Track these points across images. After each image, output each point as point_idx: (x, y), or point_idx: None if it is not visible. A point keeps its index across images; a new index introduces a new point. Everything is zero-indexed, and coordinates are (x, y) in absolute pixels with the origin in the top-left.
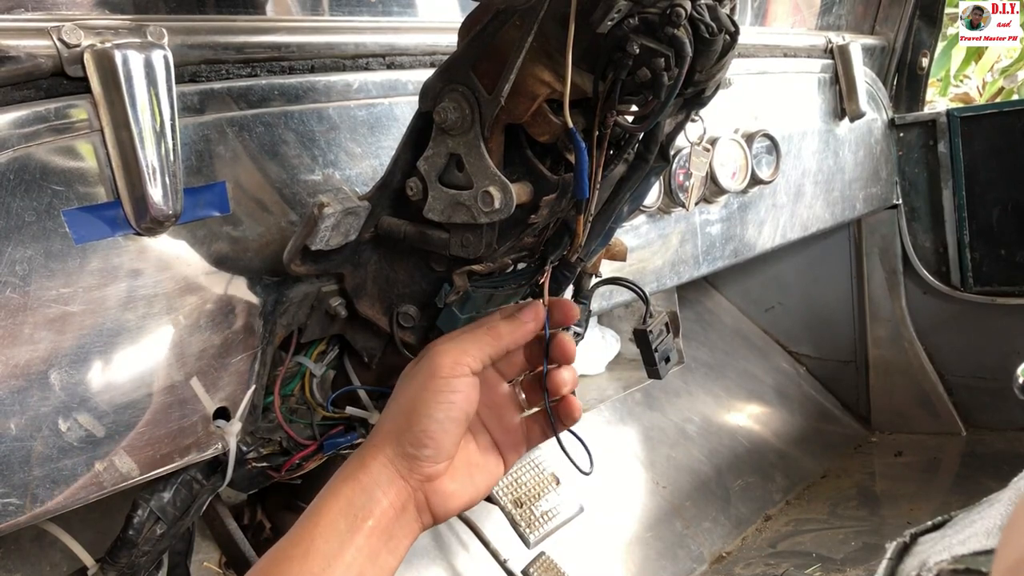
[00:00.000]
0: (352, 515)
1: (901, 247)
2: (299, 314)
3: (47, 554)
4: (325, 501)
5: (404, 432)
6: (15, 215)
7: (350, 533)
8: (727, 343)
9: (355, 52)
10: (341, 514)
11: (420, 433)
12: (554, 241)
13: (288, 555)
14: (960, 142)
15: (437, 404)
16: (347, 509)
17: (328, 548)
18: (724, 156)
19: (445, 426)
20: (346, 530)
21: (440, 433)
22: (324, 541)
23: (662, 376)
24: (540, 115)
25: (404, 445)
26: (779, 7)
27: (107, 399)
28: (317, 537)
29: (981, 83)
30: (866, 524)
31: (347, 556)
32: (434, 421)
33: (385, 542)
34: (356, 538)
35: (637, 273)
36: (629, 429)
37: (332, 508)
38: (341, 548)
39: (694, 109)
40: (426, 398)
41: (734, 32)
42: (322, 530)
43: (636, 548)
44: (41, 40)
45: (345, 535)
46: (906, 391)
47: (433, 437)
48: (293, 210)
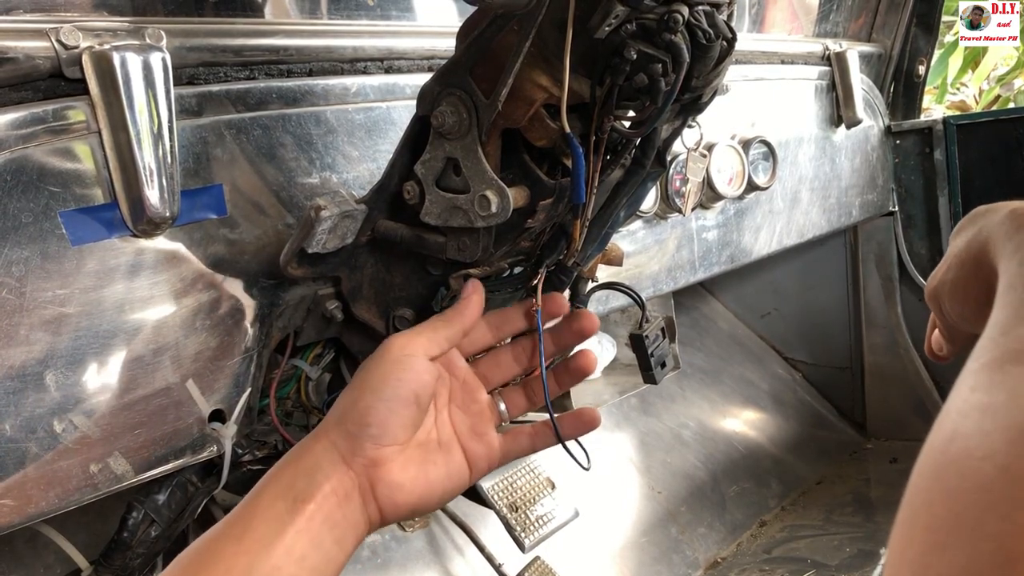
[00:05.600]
0: (292, 498)
1: (897, 254)
2: (295, 317)
3: (41, 556)
4: (265, 485)
5: (348, 412)
6: (12, 216)
7: (290, 515)
8: (723, 349)
9: (353, 56)
10: (280, 496)
11: (364, 410)
12: (550, 245)
13: (225, 534)
14: (956, 150)
15: (383, 382)
16: (287, 492)
17: (266, 530)
18: (721, 162)
19: (391, 405)
20: (285, 512)
21: (385, 412)
22: (262, 522)
23: (658, 381)
24: (537, 120)
25: (347, 424)
26: (776, 14)
27: (102, 401)
28: (255, 519)
29: (978, 91)
30: (861, 531)
31: (287, 539)
32: (379, 399)
33: (330, 530)
34: (297, 520)
35: (633, 278)
36: (625, 434)
37: (271, 490)
38: (281, 531)
39: (691, 115)
40: (372, 378)
41: (731, 38)
42: (261, 512)
43: (631, 553)
44: (39, 41)
45: (285, 517)
46: (901, 398)
47: (377, 415)
48: (290, 213)
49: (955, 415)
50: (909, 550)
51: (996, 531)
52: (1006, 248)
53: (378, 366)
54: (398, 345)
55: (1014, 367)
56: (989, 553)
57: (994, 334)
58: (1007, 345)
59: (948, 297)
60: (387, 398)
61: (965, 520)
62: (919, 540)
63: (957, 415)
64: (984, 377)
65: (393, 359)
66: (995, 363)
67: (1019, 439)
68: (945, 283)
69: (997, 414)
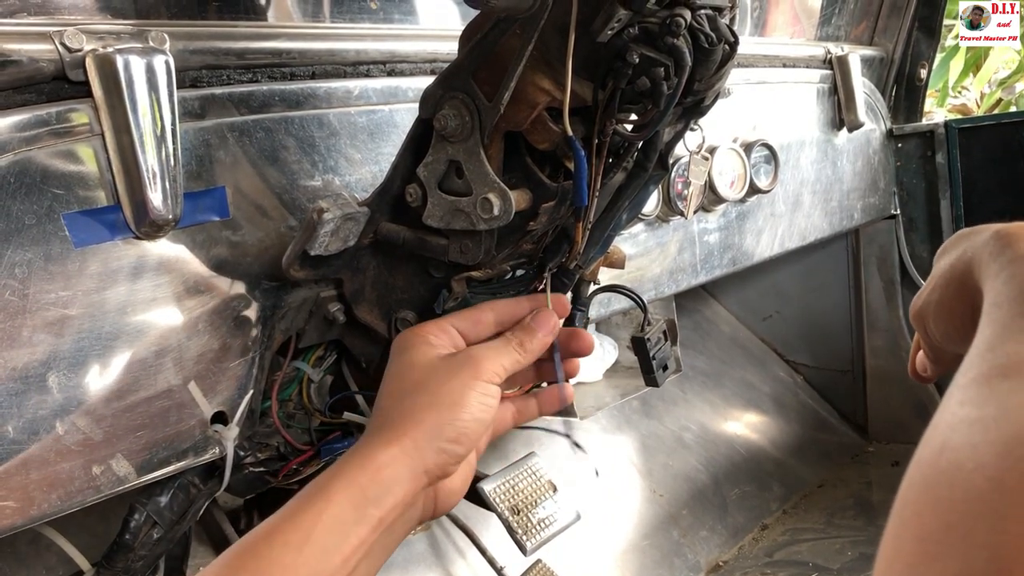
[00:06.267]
0: (364, 506)
1: (899, 257)
2: (297, 319)
3: (43, 558)
4: (334, 486)
5: (444, 426)
6: (15, 218)
7: (356, 526)
8: (725, 352)
9: (356, 59)
10: (351, 504)
11: (463, 428)
12: (553, 248)
13: (284, 540)
14: (958, 153)
15: (481, 405)
16: (359, 499)
17: (330, 541)
18: (723, 165)
19: (481, 429)
20: (353, 522)
21: (476, 434)
22: (327, 532)
23: (660, 384)
24: (540, 123)
25: (440, 440)
26: (779, 17)
27: (105, 402)
28: (319, 525)
29: (979, 94)
30: (863, 534)
31: (347, 550)
32: (476, 420)
33: (384, 536)
34: (361, 531)
35: (635, 281)
36: (626, 437)
37: (342, 496)
38: (344, 542)
39: (693, 118)
40: (471, 397)
41: (733, 42)
42: (327, 519)
43: (632, 556)
44: (43, 44)
45: (351, 528)
46: (903, 401)
47: (470, 436)
48: (292, 215)
49: (944, 428)
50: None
51: (987, 541)
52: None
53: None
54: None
55: (1001, 381)
56: (982, 562)
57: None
58: (994, 360)
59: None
60: (481, 419)
61: (956, 530)
62: (908, 551)
63: (946, 428)
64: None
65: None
66: (983, 377)
67: (1008, 451)
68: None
69: (986, 427)
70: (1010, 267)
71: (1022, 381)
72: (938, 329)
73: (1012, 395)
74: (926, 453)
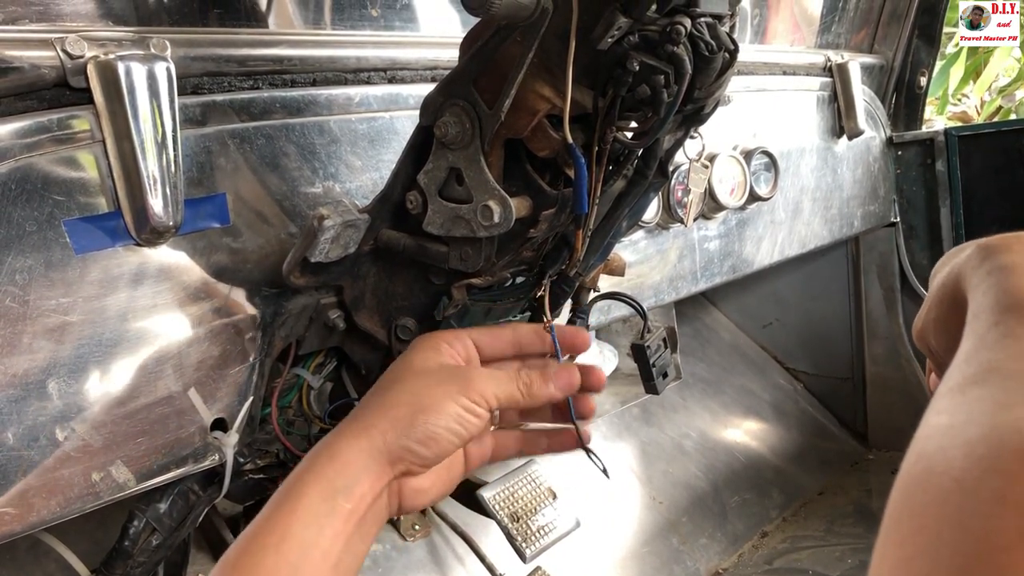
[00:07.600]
0: (333, 498)
1: (899, 265)
2: (297, 326)
3: (42, 564)
4: (303, 481)
5: (415, 424)
6: (16, 224)
7: (328, 517)
8: (725, 359)
9: (357, 66)
10: (321, 496)
11: (433, 433)
12: (553, 255)
13: (263, 544)
14: (958, 161)
15: (460, 417)
16: (328, 491)
17: (306, 534)
18: (723, 172)
19: (455, 440)
20: (325, 514)
21: (448, 444)
22: (302, 526)
23: (659, 391)
24: (540, 130)
25: (409, 438)
26: (779, 25)
27: (104, 409)
28: (295, 522)
29: (979, 102)
30: (863, 542)
31: (324, 542)
32: (450, 431)
33: (358, 528)
34: (335, 523)
35: (635, 288)
36: (626, 444)
37: (311, 489)
38: (319, 534)
39: (693, 126)
40: (450, 407)
41: (733, 50)
42: (300, 514)
43: (632, 563)
44: (45, 51)
45: (324, 519)
46: (903, 409)
47: (440, 444)
48: (293, 222)
49: (921, 439)
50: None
51: (952, 539)
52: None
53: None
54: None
55: (973, 389)
56: (947, 558)
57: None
58: (967, 371)
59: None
60: (456, 432)
61: (927, 533)
62: (890, 557)
63: (923, 438)
64: (947, 401)
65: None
66: (957, 387)
67: (973, 453)
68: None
69: (955, 433)
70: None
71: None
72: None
73: (980, 401)
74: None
